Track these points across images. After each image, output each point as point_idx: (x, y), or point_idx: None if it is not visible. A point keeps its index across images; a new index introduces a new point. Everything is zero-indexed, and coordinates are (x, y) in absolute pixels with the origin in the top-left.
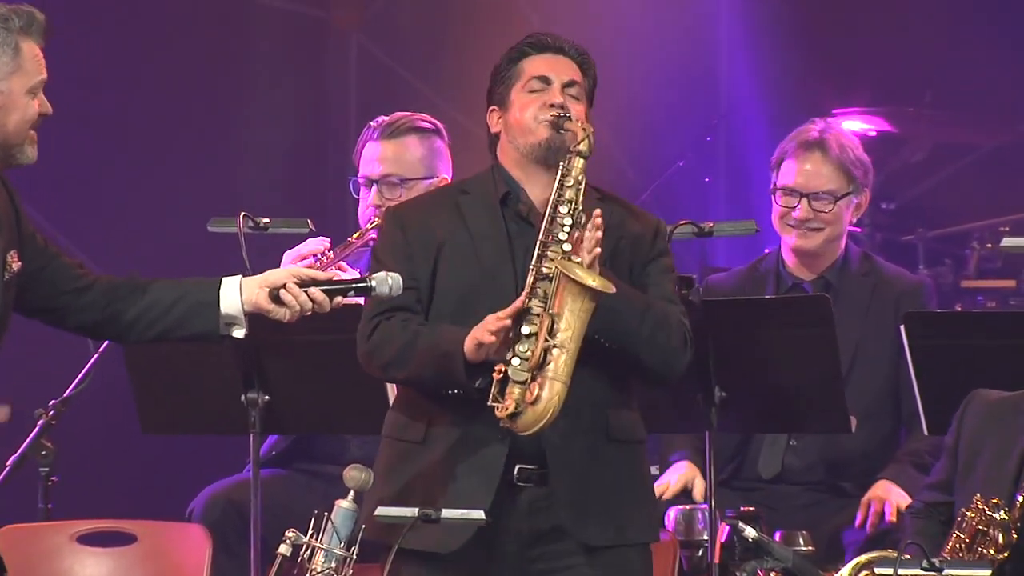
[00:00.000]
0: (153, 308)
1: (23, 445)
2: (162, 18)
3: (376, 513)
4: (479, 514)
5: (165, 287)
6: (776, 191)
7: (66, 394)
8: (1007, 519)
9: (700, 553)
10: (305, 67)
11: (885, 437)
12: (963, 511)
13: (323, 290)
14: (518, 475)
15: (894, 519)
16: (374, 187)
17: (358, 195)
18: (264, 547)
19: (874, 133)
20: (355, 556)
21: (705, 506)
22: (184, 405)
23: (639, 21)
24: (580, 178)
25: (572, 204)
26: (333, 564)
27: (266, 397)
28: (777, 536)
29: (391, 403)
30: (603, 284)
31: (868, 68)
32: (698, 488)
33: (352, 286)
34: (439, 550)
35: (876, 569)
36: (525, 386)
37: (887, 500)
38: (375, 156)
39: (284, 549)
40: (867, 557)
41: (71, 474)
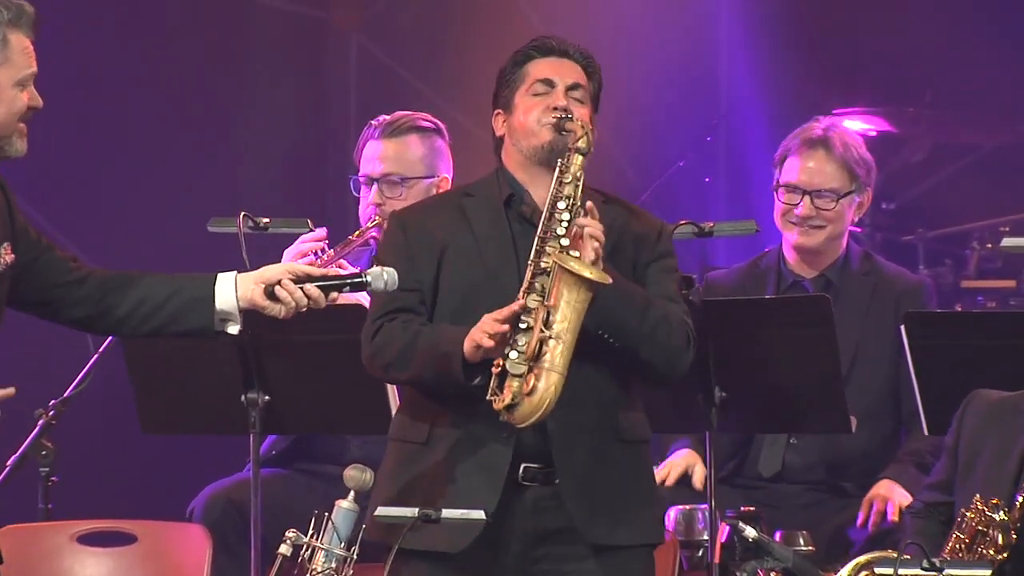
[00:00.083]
0: (147, 303)
1: (23, 445)
2: (162, 18)
3: (376, 513)
4: (479, 514)
5: (160, 282)
6: (779, 188)
7: (66, 394)
8: (1007, 520)
9: (700, 553)
10: (305, 67)
11: (885, 437)
12: (963, 511)
13: (318, 286)
14: (523, 474)
15: (896, 518)
16: (375, 186)
17: (358, 194)
18: (264, 547)
19: (874, 133)
20: (355, 556)
21: (705, 506)
22: (184, 405)
23: (639, 21)
24: (579, 175)
25: (570, 200)
26: (333, 564)
27: (266, 397)
28: (777, 536)
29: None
30: (599, 275)
31: (868, 68)
32: (698, 475)
33: (347, 282)
34: (444, 550)
35: (876, 569)
36: (522, 378)
37: (889, 499)
38: (376, 155)
39: (284, 549)
40: (867, 557)
41: (71, 474)
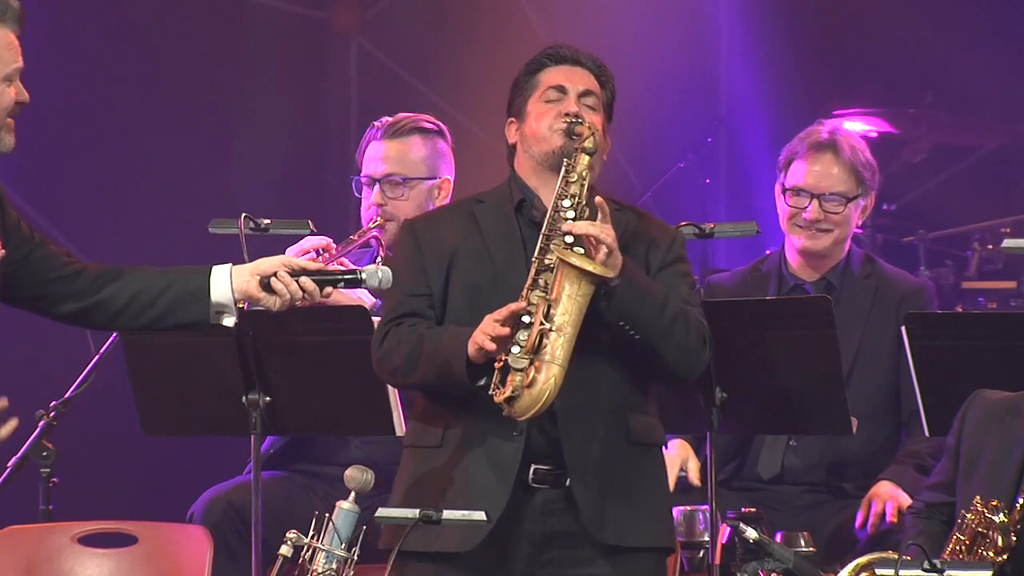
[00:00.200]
0: (141, 296)
1: (24, 446)
2: (163, 20)
3: (377, 515)
4: (480, 515)
5: (154, 275)
6: (785, 192)
7: (67, 395)
8: (1006, 522)
9: (701, 554)
10: (306, 68)
11: (886, 438)
12: (963, 513)
13: (314, 279)
14: (534, 476)
15: (895, 520)
16: (376, 186)
17: (360, 194)
18: (265, 548)
19: (875, 134)
20: (356, 557)
21: (706, 507)
22: (185, 406)
23: (639, 23)
24: (584, 174)
25: (575, 199)
26: (334, 565)
27: (267, 398)
28: (778, 537)
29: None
30: (601, 269)
31: (869, 69)
32: (692, 469)
33: (343, 277)
34: (452, 550)
35: (877, 570)
36: (523, 372)
37: (888, 500)
38: (378, 155)
39: (285, 550)
40: (867, 558)
41: (72, 475)
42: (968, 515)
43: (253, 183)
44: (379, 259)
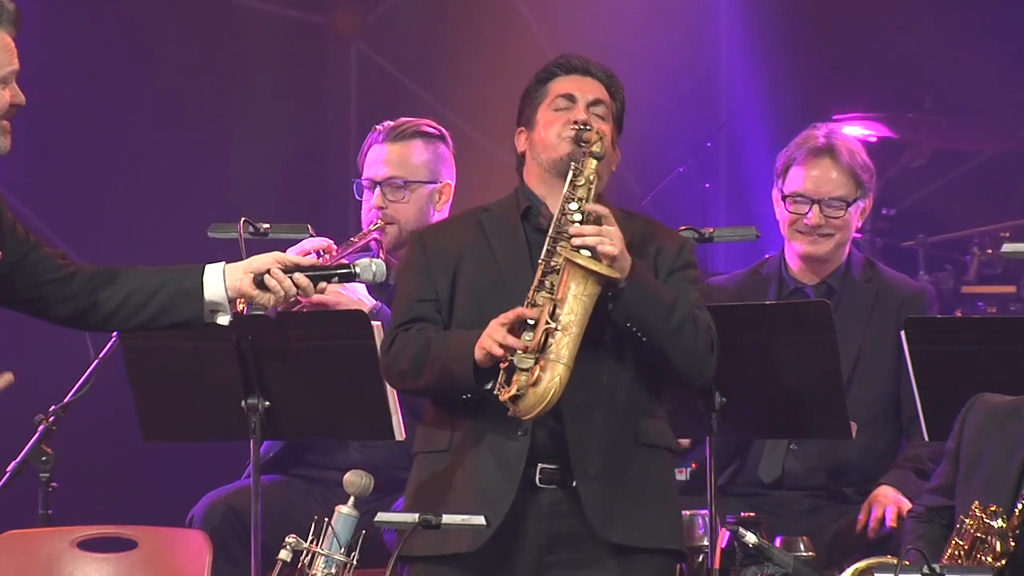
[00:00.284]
0: (135, 296)
1: (23, 451)
2: (163, 24)
3: (376, 519)
4: (479, 519)
5: (147, 275)
6: (785, 198)
7: (66, 400)
8: (1005, 527)
9: (700, 559)
10: (306, 74)
11: (886, 443)
12: (961, 518)
13: (307, 275)
14: (541, 476)
15: (895, 524)
16: (377, 189)
17: (361, 197)
18: (264, 553)
19: (874, 139)
20: (356, 562)
21: (705, 512)
22: (184, 411)
23: (639, 29)
24: (592, 178)
25: (583, 202)
26: (333, 570)
27: (266, 403)
28: (778, 542)
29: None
30: (607, 270)
31: (869, 74)
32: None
33: (336, 272)
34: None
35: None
36: (529, 372)
37: (888, 505)
38: (380, 158)
39: (284, 555)
40: (867, 563)
41: (71, 480)
42: (967, 520)
43: (253, 188)
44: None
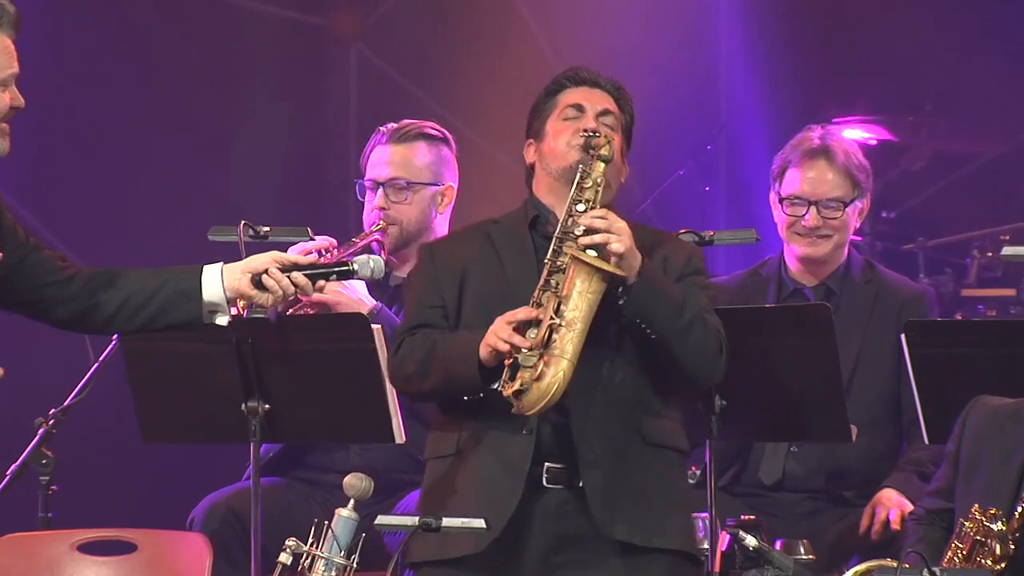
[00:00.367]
0: (134, 298)
1: (23, 454)
2: (162, 27)
3: (376, 522)
4: (479, 523)
5: (146, 276)
6: (782, 201)
7: (66, 403)
8: (1004, 530)
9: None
10: (306, 76)
11: (886, 445)
12: (961, 521)
13: (305, 274)
14: (547, 475)
15: (899, 527)
16: (380, 190)
17: (363, 198)
18: (264, 556)
19: (874, 142)
20: (356, 565)
21: (705, 514)
22: (184, 414)
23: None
24: (599, 180)
25: (590, 204)
26: (333, 573)
27: (266, 406)
28: (778, 544)
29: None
30: (615, 268)
31: (868, 77)
32: None
33: (334, 270)
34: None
35: None
36: (533, 368)
37: (892, 508)
38: (383, 159)
39: (284, 558)
40: (867, 566)
41: (71, 483)
42: (966, 523)
43: (253, 190)
44: None
